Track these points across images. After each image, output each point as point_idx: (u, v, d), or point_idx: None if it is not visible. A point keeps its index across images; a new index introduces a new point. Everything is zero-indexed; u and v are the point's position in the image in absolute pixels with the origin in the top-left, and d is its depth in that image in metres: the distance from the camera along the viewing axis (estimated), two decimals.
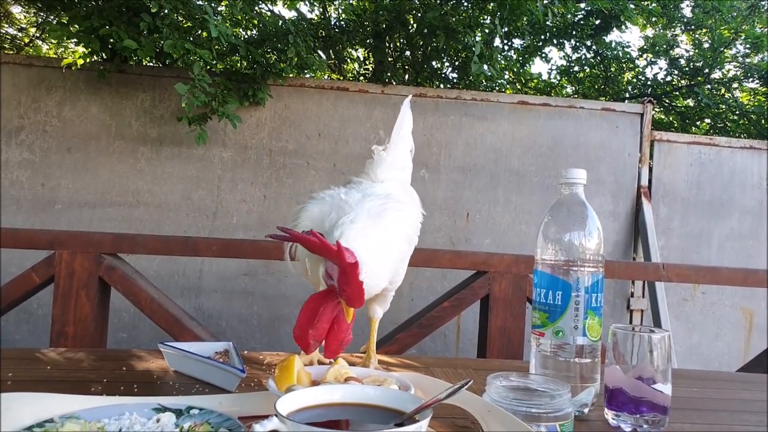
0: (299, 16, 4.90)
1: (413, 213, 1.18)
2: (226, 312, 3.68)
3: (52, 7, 3.57)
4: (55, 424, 0.69)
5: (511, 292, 2.08)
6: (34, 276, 1.89)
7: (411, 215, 1.16)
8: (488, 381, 0.86)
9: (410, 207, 1.19)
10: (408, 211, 1.15)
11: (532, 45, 5.30)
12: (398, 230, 1.08)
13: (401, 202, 1.13)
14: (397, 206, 1.09)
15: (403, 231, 1.11)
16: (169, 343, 1.13)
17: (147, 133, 3.65)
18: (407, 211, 1.15)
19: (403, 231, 1.11)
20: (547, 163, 3.91)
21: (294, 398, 0.67)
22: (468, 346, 3.74)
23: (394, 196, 1.15)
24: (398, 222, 1.08)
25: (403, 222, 1.11)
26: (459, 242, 3.80)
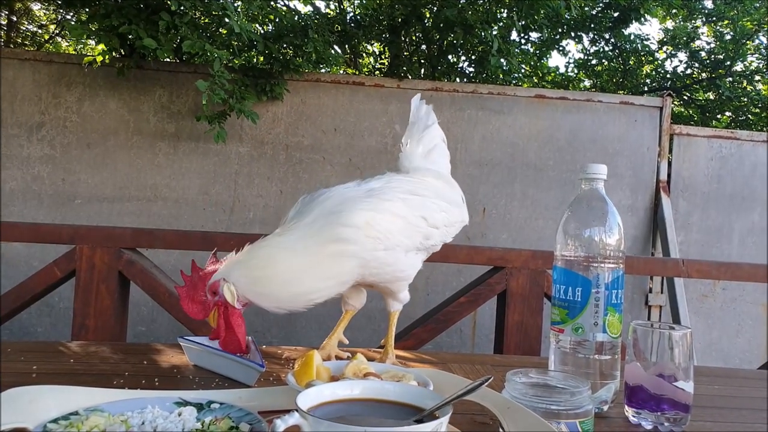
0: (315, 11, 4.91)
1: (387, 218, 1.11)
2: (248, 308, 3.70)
3: (71, 4, 3.60)
4: (80, 416, 0.70)
5: (529, 287, 2.07)
6: (56, 270, 1.92)
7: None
8: (507, 378, 0.86)
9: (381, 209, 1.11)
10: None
11: (550, 38, 5.24)
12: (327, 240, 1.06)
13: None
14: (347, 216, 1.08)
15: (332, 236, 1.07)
16: (188, 337, 1.15)
17: (164, 129, 3.68)
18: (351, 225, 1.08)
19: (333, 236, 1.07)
20: (565, 157, 3.88)
21: (314, 393, 0.67)
22: (484, 341, 3.73)
23: (382, 191, 1.13)
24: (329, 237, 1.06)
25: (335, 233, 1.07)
26: (475, 237, 3.79)
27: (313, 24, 3.48)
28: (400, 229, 1.12)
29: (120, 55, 3.64)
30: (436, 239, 1.21)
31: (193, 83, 3.61)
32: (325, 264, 1.07)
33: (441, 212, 1.20)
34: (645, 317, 3.81)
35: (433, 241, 1.20)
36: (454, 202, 1.27)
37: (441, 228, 1.20)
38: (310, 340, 3.69)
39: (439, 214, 1.19)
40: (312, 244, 1.06)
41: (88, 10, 3.41)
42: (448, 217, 1.22)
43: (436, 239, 1.21)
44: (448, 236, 1.26)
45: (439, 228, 1.20)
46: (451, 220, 1.24)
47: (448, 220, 1.22)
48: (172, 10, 2.99)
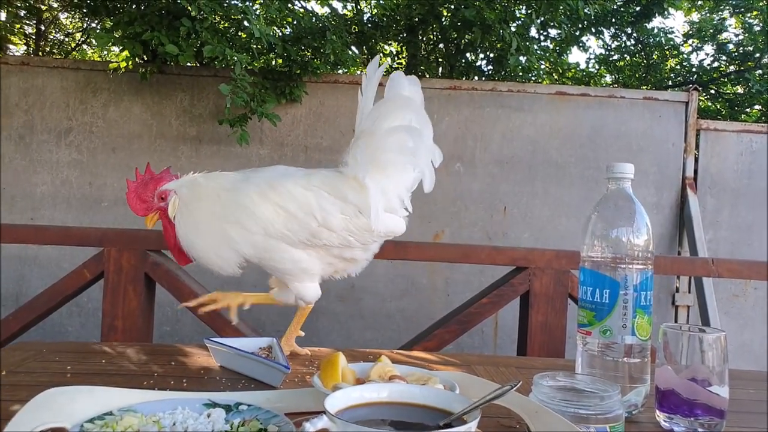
0: (332, 12, 4.92)
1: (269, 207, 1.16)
2: (265, 306, 3.73)
3: (96, 13, 3.67)
4: (114, 417, 0.71)
5: (553, 288, 2.05)
6: (86, 272, 1.96)
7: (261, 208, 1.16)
8: (535, 381, 0.85)
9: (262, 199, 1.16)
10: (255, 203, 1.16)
11: (569, 34, 5.19)
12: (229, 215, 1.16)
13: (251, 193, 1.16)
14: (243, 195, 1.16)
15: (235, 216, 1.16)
16: (214, 339, 1.16)
17: (186, 132, 3.72)
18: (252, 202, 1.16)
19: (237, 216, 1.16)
20: (587, 154, 3.83)
21: (341, 396, 0.67)
22: (506, 342, 3.71)
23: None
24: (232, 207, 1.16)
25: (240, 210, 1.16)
26: (496, 237, 3.76)
27: (330, 26, 3.49)
28: (283, 221, 1.15)
29: (143, 60, 3.69)
30: (331, 241, 1.18)
31: (214, 87, 3.65)
32: (223, 227, 1.16)
33: (341, 215, 1.17)
34: (672, 317, 3.75)
35: (326, 241, 1.18)
36: (368, 209, 1.17)
37: (338, 231, 1.17)
38: (332, 340, 3.70)
39: (337, 215, 1.16)
40: (225, 203, 1.17)
41: (113, 18, 3.47)
42: (349, 222, 1.17)
43: (331, 241, 1.18)
44: (353, 242, 1.20)
45: (335, 231, 1.17)
46: (356, 226, 1.18)
47: (351, 225, 1.18)
48: (192, 15, 3.03)
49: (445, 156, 4.22)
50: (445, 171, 3.76)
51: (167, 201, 1.20)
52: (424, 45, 4.67)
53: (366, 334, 3.73)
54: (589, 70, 6.23)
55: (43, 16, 4.70)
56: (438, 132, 3.94)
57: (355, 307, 3.73)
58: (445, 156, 4.23)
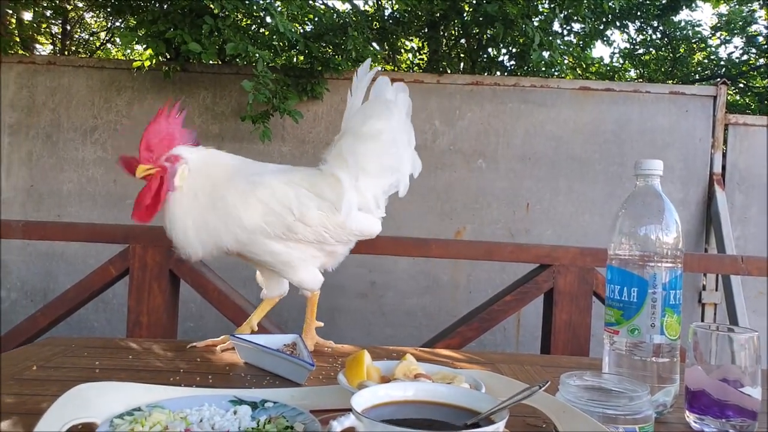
0: (353, 8, 4.91)
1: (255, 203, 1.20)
2: (287, 302, 3.73)
3: (120, 12, 3.72)
4: (142, 412, 0.72)
5: (577, 285, 2.03)
6: (112, 269, 1.99)
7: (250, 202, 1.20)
8: (561, 380, 0.84)
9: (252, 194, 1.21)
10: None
11: (594, 28, 5.11)
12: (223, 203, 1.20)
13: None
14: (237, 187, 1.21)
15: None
16: (239, 335, 1.17)
17: (209, 130, 3.75)
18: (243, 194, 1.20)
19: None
20: (612, 150, 3.78)
21: (368, 395, 0.67)
22: (529, 339, 3.68)
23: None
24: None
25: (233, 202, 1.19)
26: (519, 234, 3.73)
27: (352, 22, 3.49)
28: (261, 214, 1.19)
29: (166, 58, 3.73)
30: (306, 236, 1.22)
31: (236, 85, 3.67)
32: (215, 212, 1.19)
33: (317, 210, 1.21)
34: (698, 315, 3.68)
35: (301, 235, 1.22)
36: (340, 207, 1.23)
37: (314, 227, 1.21)
38: (352, 336, 3.71)
39: (314, 211, 1.21)
40: (226, 194, 1.20)
41: (137, 17, 3.51)
42: (325, 218, 1.22)
43: (306, 236, 1.22)
44: (327, 238, 1.24)
45: (310, 226, 1.21)
46: (332, 223, 1.23)
47: (326, 221, 1.22)
48: (215, 13, 3.05)
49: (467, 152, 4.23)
50: (467, 167, 3.73)
51: (176, 167, 1.19)
52: (445, 40, 4.64)
53: (387, 331, 3.73)
54: (614, 65, 6.14)
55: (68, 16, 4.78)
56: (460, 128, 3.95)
57: (375, 304, 3.73)
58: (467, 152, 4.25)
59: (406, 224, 3.73)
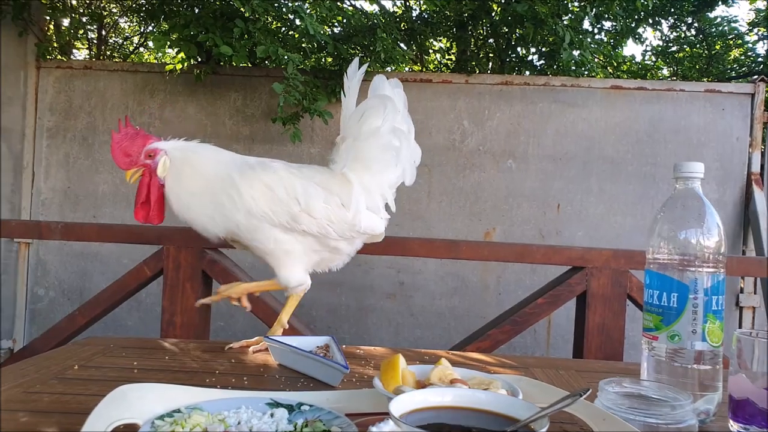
0: (381, 10, 4.92)
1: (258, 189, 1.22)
2: (316, 302, 3.78)
3: (153, 17, 3.79)
4: (182, 414, 0.73)
5: (610, 288, 2.00)
6: (146, 269, 2.02)
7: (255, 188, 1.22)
8: (600, 387, 0.83)
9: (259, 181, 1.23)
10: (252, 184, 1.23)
11: (625, 26, 5.02)
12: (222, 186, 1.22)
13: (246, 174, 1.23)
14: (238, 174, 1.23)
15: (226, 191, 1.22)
16: (273, 337, 1.18)
17: (240, 131, 3.80)
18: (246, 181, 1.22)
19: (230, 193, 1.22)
20: (644, 150, 3.71)
21: (406, 400, 0.67)
22: (560, 342, 3.63)
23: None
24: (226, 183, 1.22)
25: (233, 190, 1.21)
26: (549, 235, 3.69)
27: (381, 23, 3.49)
28: (267, 201, 1.20)
29: (197, 61, 3.79)
30: (310, 227, 1.23)
31: (266, 87, 3.71)
32: (213, 199, 1.21)
33: (323, 203, 1.23)
34: (736, 320, 3.58)
35: (305, 226, 1.23)
36: (350, 203, 1.25)
37: (319, 219, 1.23)
38: (381, 337, 3.72)
39: (320, 203, 1.23)
40: (218, 177, 1.22)
41: (169, 22, 3.57)
42: (330, 212, 1.24)
43: (310, 227, 1.23)
44: (331, 233, 1.25)
45: (316, 218, 1.22)
46: (337, 217, 1.24)
47: (332, 215, 1.24)
48: (246, 16, 3.09)
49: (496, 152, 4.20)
50: (496, 167, 3.71)
51: (156, 160, 1.23)
52: (474, 40, 4.61)
53: (416, 332, 3.72)
54: (646, 63, 6.02)
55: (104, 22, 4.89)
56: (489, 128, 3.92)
57: (404, 304, 3.73)
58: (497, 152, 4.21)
59: (435, 225, 3.72)
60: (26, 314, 3.86)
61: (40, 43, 3.83)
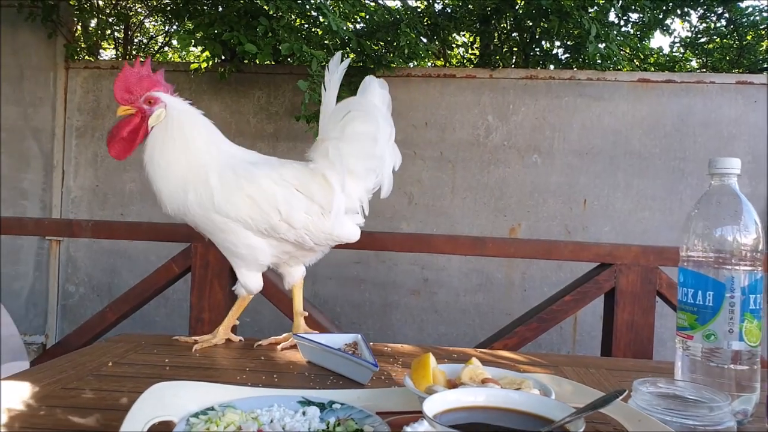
0: (403, 5, 4.90)
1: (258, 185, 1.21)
2: (340, 298, 3.80)
3: (178, 16, 3.84)
4: (216, 412, 0.74)
5: (640, 285, 1.97)
6: (174, 266, 2.05)
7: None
8: (634, 387, 0.81)
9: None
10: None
11: (653, 17, 4.92)
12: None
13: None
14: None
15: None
16: (302, 334, 1.18)
17: (264, 129, 3.83)
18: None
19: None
20: (673, 144, 3.64)
21: (438, 400, 0.67)
22: (586, 338, 3.60)
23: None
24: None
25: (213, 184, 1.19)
26: (575, 231, 3.65)
27: (404, 18, 3.48)
28: (247, 209, 1.18)
29: (221, 60, 3.82)
30: (287, 236, 1.22)
31: (290, 84, 3.73)
32: (188, 182, 1.20)
33: (304, 213, 1.21)
34: None
35: (283, 235, 1.21)
36: (329, 211, 1.23)
37: (299, 229, 1.21)
38: (405, 333, 3.72)
39: (301, 214, 1.21)
40: (203, 164, 1.20)
41: (194, 21, 3.61)
42: (310, 222, 1.22)
43: (287, 236, 1.22)
44: (308, 241, 1.24)
45: (296, 228, 1.21)
46: (316, 227, 1.23)
47: (311, 225, 1.22)
48: (270, 14, 3.10)
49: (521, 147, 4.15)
50: (521, 162, 3.67)
51: (153, 108, 1.21)
52: (497, 35, 4.57)
53: (440, 329, 3.72)
54: (674, 55, 5.89)
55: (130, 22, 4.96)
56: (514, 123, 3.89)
57: (428, 301, 3.72)
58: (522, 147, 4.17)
59: (458, 221, 3.70)
60: (58, 310, 3.95)
61: (69, 44, 3.91)
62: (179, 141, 1.21)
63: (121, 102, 1.20)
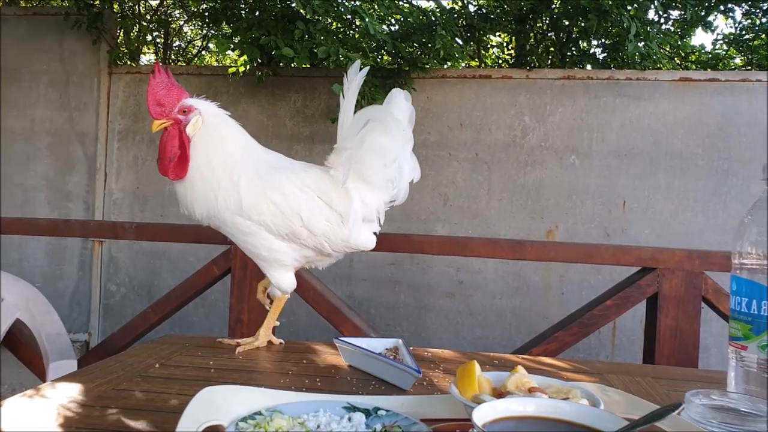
0: (438, 6, 4.88)
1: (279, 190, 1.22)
2: (374, 300, 3.81)
3: (216, 21, 3.91)
4: (264, 417, 0.75)
5: (684, 290, 1.92)
6: (215, 268, 2.09)
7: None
8: (687, 398, 0.79)
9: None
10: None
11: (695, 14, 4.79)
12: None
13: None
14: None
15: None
16: (343, 338, 1.19)
17: (300, 132, 3.87)
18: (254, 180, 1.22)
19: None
20: (716, 144, 3.53)
21: (487, 409, 0.66)
22: (625, 343, 3.52)
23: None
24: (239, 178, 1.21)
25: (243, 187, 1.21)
26: (615, 233, 3.58)
27: (440, 20, 3.47)
28: (270, 214, 1.20)
29: (258, 63, 3.87)
30: (307, 242, 1.24)
31: (325, 87, 3.76)
32: (221, 184, 1.21)
33: (324, 221, 1.23)
34: None
35: (303, 241, 1.24)
36: (348, 218, 1.25)
37: (318, 236, 1.24)
38: (440, 336, 3.70)
39: (322, 222, 1.23)
40: (235, 167, 1.22)
41: (232, 25, 3.67)
42: (329, 229, 1.24)
43: (307, 242, 1.24)
44: (326, 247, 1.26)
45: (316, 234, 1.23)
46: (335, 234, 1.25)
47: (332, 232, 1.24)
48: (306, 18, 3.13)
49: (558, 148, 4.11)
50: (558, 164, 3.62)
51: (189, 118, 1.21)
52: (533, 35, 4.52)
53: (476, 332, 3.69)
54: (716, 52, 5.73)
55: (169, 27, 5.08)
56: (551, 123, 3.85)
57: (463, 304, 3.70)
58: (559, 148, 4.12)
59: (494, 223, 3.67)
60: (100, 309, 4.06)
61: (112, 50, 4.02)
62: (218, 146, 1.23)
63: (156, 117, 1.21)
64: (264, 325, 1.35)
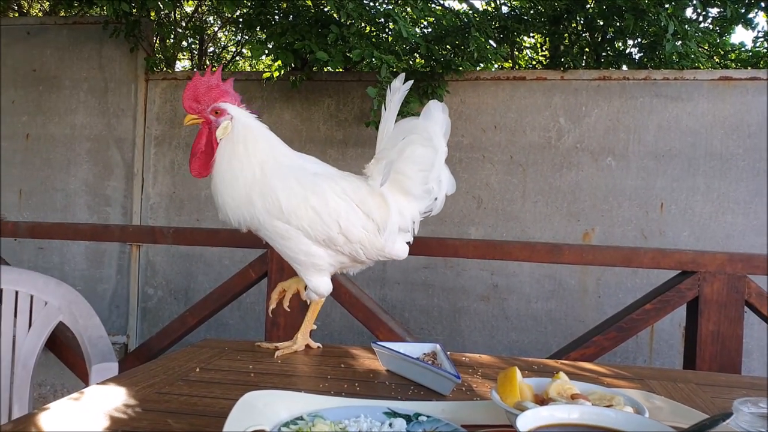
0: (470, 8, 4.86)
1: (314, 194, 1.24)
2: (408, 303, 3.80)
3: (251, 27, 3.97)
4: (305, 422, 0.76)
5: (726, 294, 1.87)
6: (251, 272, 2.12)
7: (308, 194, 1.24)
8: (735, 406, 0.77)
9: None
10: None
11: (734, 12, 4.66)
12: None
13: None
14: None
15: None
16: (381, 343, 1.19)
17: (333, 136, 3.89)
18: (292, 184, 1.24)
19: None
20: (758, 144, 3.43)
21: (531, 416, 0.66)
22: (663, 347, 3.44)
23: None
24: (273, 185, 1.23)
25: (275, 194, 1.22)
26: (652, 236, 3.50)
27: (474, 22, 3.45)
28: (309, 219, 1.22)
29: (292, 68, 3.92)
30: (342, 248, 1.26)
31: (359, 91, 3.78)
32: (253, 193, 1.22)
33: (361, 229, 1.25)
34: None
35: (339, 247, 1.25)
36: (385, 228, 1.26)
37: (354, 243, 1.25)
38: (474, 340, 3.68)
39: (359, 229, 1.24)
40: (267, 175, 1.23)
41: (266, 31, 3.72)
42: (367, 238, 1.25)
43: (342, 248, 1.26)
44: (361, 255, 1.28)
45: (352, 242, 1.25)
46: (371, 243, 1.26)
47: (367, 241, 1.26)
48: (340, 22, 3.16)
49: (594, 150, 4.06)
50: (595, 166, 3.56)
51: (220, 120, 1.24)
52: (568, 35, 4.46)
53: (511, 336, 3.65)
54: (757, 50, 5.55)
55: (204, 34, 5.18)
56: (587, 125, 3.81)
57: (498, 307, 3.67)
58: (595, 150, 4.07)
59: (530, 226, 3.63)
60: (138, 312, 4.16)
61: (149, 57, 4.11)
62: (244, 154, 1.25)
63: (188, 110, 1.25)
64: (302, 329, 1.36)
